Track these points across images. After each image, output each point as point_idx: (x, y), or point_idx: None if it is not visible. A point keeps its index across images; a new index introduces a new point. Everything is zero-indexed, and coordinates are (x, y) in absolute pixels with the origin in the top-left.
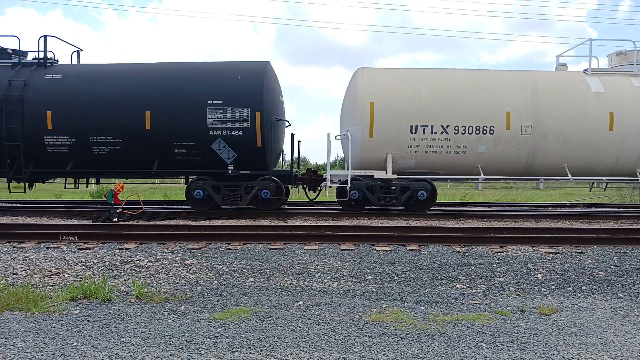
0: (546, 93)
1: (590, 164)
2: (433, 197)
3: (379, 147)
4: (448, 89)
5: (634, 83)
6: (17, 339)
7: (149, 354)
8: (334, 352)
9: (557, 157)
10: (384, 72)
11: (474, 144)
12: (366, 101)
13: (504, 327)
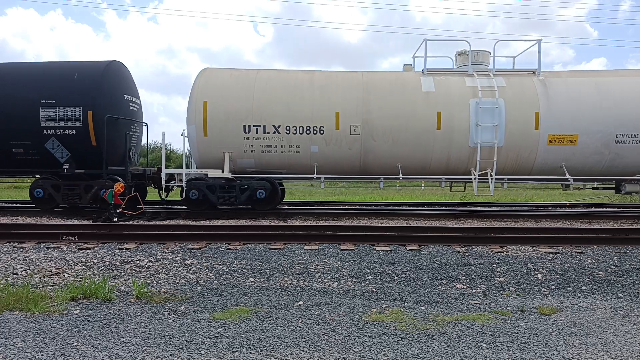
0: (377, 93)
1: (422, 162)
2: (274, 196)
3: (215, 146)
4: (280, 89)
5: (466, 83)
6: (17, 339)
7: (149, 354)
8: (334, 352)
9: (388, 157)
10: (225, 72)
11: (306, 143)
12: (200, 100)
13: (504, 327)
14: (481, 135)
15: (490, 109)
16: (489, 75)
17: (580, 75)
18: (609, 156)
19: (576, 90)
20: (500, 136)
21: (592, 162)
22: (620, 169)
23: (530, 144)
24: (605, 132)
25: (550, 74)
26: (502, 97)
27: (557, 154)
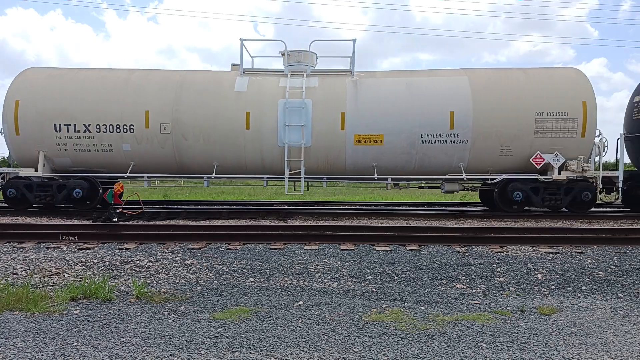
0: (189, 93)
1: (237, 162)
2: (93, 195)
3: (29, 145)
4: (92, 89)
5: (279, 83)
6: (17, 339)
7: (149, 354)
8: (334, 352)
9: (203, 156)
10: (44, 72)
11: (117, 142)
12: (12, 100)
13: (504, 327)
14: (289, 135)
15: (297, 110)
16: (302, 75)
17: (394, 76)
18: (416, 156)
19: (386, 90)
20: (308, 136)
21: (402, 161)
22: (432, 169)
23: (337, 144)
24: (411, 132)
25: (366, 75)
26: (310, 97)
27: (365, 153)
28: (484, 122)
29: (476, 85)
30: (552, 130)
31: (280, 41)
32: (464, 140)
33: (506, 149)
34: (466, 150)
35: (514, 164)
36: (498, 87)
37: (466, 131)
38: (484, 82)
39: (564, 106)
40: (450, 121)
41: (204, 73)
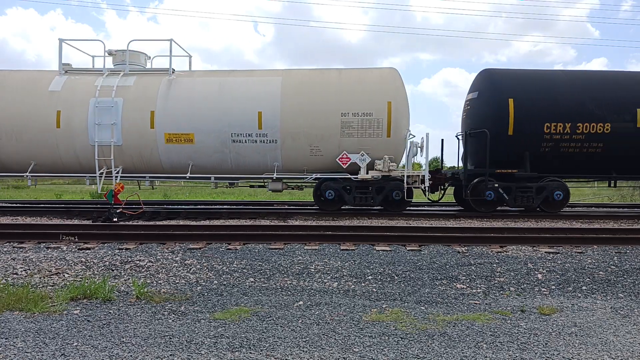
0: (6, 92)
1: (53, 161)
2: None
3: None
4: None
5: (95, 82)
6: (17, 339)
7: (149, 354)
8: (334, 352)
9: (19, 155)
10: None
11: None
12: None
13: (504, 327)
14: (99, 134)
15: (107, 108)
16: (119, 74)
17: (210, 75)
18: (230, 155)
19: (199, 90)
20: (118, 135)
21: (217, 160)
22: (248, 168)
23: (149, 143)
24: (221, 132)
25: (185, 74)
26: (122, 96)
27: (179, 152)
28: (292, 122)
29: (287, 86)
30: (358, 131)
31: (99, 41)
32: (273, 140)
33: (315, 149)
34: (277, 149)
35: (324, 164)
36: (308, 88)
37: (274, 131)
38: (296, 83)
39: (369, 107)
40: (258, 121)
41: (26, 72)
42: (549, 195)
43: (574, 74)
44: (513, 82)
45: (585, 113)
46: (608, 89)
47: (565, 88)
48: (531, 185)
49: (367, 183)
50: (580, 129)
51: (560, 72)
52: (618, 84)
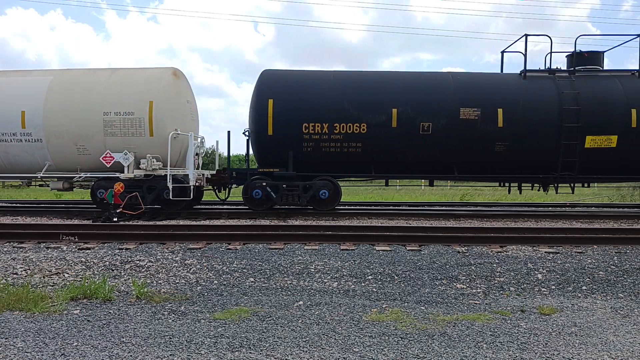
0: None
1: None
2: None
3: None
4: None
5: None
6: (17, 339)
7: (149, 354)
8: (334, 352)
9: None
10: None
11: None
12: None
13: (504, 327)
14: None
15: None
16: None
17: None
18: (3, 154)
19: None
20: None
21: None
22: (22, 167)
23: None
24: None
25: None
26: None
27: None
28: (55, 121)
29: (56, 85)
30: (121, 130)
31: None
32: (38, 139)
33: (82, 147)
34: (44, 149)
35: (94, 162)
36: (75, 88)
37: (38, 130)
38: (65, 83)
39: (132, 106)
40: (22, 120)
41: None
42: (315, 193)
43: (334, 74)
44: (274, 83)
45: (342, 114)
46: (365, 90)
47: (323, 89)
48: (297, 184)
49: (138, 182)
50: (337, 129)
51: (320, 73)
52: (374, 84)
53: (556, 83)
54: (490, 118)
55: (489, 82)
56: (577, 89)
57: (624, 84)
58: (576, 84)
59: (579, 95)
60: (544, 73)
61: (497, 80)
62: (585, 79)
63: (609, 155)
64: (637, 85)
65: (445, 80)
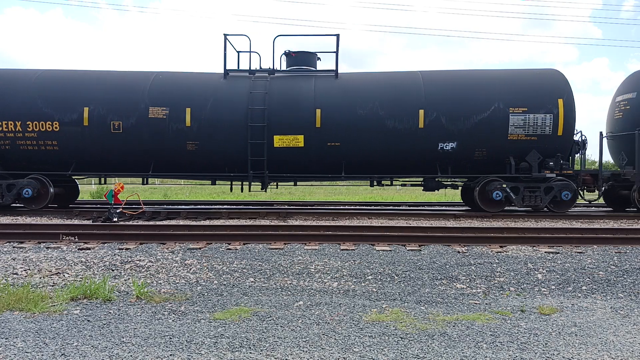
0: None
1: None
2: None
3: None
4: None
5: None
6: (17, 339)
7: (149, 354)
8: (334, 352)
9: None
10: None
11: None
12: None
13: (504, 327)
14: None
15: None
16: None
17: None
18: None
19: None
20: None
21: None
22: None
23: None
24: None
25: None
26: None
27: None
28: None
29: None
30: None
31: None
32: None
33: None
34: None
35: None
36: None
37: None
38: None
39: None
40: None
41: None
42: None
43: (36, 74)
44: None
45: (35, 112)
46: (58, 89)
47: (17, 87)
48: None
49: None
50: (30, 127)
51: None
52: (67, 83)
53: (250, 83)
54: (178, 117)
55: (185, 82)
56: (267, 90)
57: (317, 84)
58: (270, 84)
59: (267, 95)
60: (244, 73)
61: (196, 80)
62: (281, 80)
63: (298, 154)
64: (329, 85)
65: (144, 79)
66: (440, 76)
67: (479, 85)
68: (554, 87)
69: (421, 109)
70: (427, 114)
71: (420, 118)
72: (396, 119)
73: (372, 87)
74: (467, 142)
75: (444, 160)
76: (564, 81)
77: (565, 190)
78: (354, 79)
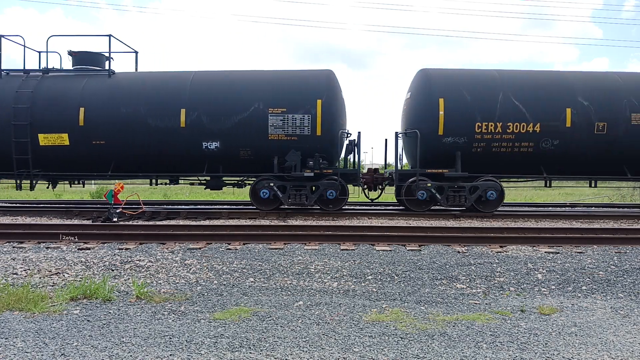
0: None
1: None
2: None
3: None
4: None
5: None
6: (17, 339)
7: (149, 354)
8: (334, 352)
9: None
10: None
11: None
12: None
13: (504, 327)
14: None
15: None
16: None
17: None
18: None
19: None
20: None
21: None
22: None
23: None
24: None
25: None
26: None
27: None
28: None
29: None
30: None
31: None
32: None
33: None
34: None
35: None
36: None
37: None
38: None
39: None
40: None
41: None
42: None
43: None
44: None
45: None
46: None
47: None
48: None
49: None
50: None
51: None
52: None
53: (20, 83)
54: None
55: None
56: (34, 89)
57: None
58: (39, 84)
59: (32, 94)
60: (19, 73)
61: None
62: (52, 79)
63: (65, 152)
64: (99, 85)
65: None
66: (209, 76)
67: (241, 86)
68: (313, 89)
69: (183, 108)
70: (188, 113)
71: (182, 117)
72: (158, 118)
73: (139, 86)
74: (231, 142)
75: (212, 159)
76: (326, 83)
77: (330, 189)
78: (127, 79)
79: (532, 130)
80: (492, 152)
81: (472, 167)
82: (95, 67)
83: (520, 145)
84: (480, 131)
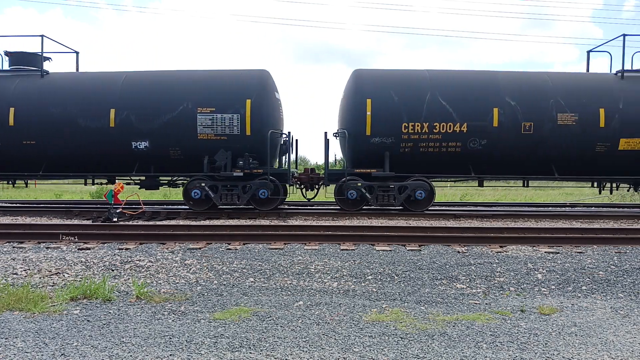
0: None
1: None
2: None
3: None
4: None
5: None
6: (17, 339)
7: (149, 354)
8: (334, 352)
9: None
10: None
11: None
12: None
13: (504, 327)
14: None
15: None
16: None
17: None
18: None
19: None
20: None
21: None
22: None
23: None
24: None
25: None
26: None
27: None
28: None
29: None
30: None
31: None
32: None
33: None
34: None
35: None
36: None
37: None
38: None
39: None
40: None
41: None
42: None
43: None
44: None
45: None
46: None
47: None
48: None
49: None
50: None
51: None
52: None
53: None
54: None
55: None
56: None
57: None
58: None
59: None
60: None
61: None
62: None
63: None
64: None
65: None
66: (140, 76)
67: (170, 85)
68: (243, 89)
69: (113, 108)
70: (118, 113)
71: (112, 117)
72: (89, 118)
73: (70, 86)
74: (160, 141)
75: (142, 158)
76: (257, 83)
77: (262, 188)
78: (61, 79)
79: (459, 131)
80: (420, 152)
81: (402, 167)
82: (30, 67)
83: (448, 145)
84: (407, 131)
